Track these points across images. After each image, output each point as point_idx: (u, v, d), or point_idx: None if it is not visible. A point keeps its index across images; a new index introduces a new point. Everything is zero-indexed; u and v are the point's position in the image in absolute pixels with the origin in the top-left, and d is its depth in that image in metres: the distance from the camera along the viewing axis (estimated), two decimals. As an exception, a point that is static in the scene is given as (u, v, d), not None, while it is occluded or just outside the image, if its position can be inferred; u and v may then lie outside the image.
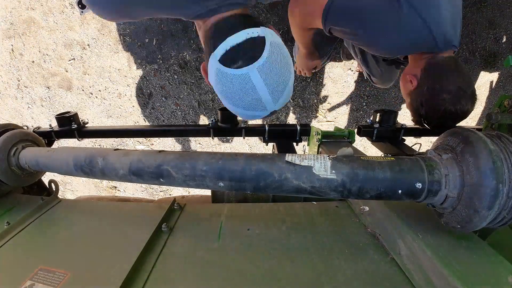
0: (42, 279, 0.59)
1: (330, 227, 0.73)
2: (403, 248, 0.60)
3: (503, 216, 0.47)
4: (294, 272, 0.60)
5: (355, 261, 0.62)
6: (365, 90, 2.22)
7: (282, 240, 0.69)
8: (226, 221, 0.77)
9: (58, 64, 2.19)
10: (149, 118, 2.37)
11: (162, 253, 0.66)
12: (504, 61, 1.22)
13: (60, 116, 1.22)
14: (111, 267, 0.61)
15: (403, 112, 2.35)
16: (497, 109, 1.14)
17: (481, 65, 2.14)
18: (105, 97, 2.31)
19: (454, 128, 0.57)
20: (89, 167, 0.72)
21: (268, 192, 0.58)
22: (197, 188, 0.64)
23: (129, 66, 2.16)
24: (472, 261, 0.50)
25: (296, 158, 0.56)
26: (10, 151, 0.85)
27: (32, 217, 0.82)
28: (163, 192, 2.80)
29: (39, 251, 0.69)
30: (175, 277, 0.60)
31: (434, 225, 0.59)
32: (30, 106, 2.41)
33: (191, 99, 2.27)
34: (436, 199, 0.52)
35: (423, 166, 0.52)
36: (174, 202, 0.85)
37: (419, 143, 1.20)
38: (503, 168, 0.45)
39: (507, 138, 0.50)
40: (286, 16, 1.20)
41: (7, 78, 2.29)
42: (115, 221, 0.81)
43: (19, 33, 2.11)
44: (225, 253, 0.66)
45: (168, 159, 0.64)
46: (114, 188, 2.83)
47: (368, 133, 1.21)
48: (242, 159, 0.59)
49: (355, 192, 0.53)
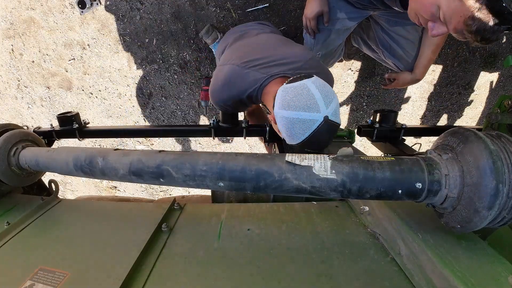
0: (42, 279, 0.59)
1: (330, 227, 0.73)
2: (403, 248, 0.60)
3: (503, 216, 0.47)
4: (294, 272, 0.60)
5: (355, 261, 0.62)
6: (365, 90, 2.22)
7: (282, 240, 0.69)
8: (226, 221, 0.77)
9: (58, 64, 2.19)
10: (149, 118, 2.37)
11: (162, 253, 0.66)
12: (504, 61, 1.23)
13: (62, 116, 1.22)
14: (111, 267, 0.61)
15: (403, 112, 2.35)
16: (497, 109, 1.14)
17: (481, 65, 2.14)
18: (105, 97, 2.31)
19: (454, 128, 0.57)
20: (89, 167, 0.72)
21: (268, 192, 0.58)
22: (197, 188, 0.64)
23: (129, 66, 2.16)
24: (472, 261, 0.50)
25: (296, 158, 0.56)
26: (10, 151, 0.85)
27: (32, 217, 0.82)
28: (163, 192, 2.80)
29: (39, 251, 0.69)
30: (175, 277, 0.60)
31: (434, 225, 0.59)
32: (30, 106, 2.41)
33: (191, 99, 2.27)
34: (436, 199, 0.52)
35: (423, 166, 0.52)
36: (174, 202, 0.85)
37: (419, 143, 1.21)
38: (503, 168, 0.45)
39: (507, 138, 0.50)
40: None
41: (7, 78, 2.29)
42: (115, 221, 0.81)
43: (19, 33, 2.11)
44: (225, 253, 0.66)
45: (168, 159, 0.64)
46: (114, 188, 2.83)
47: (368, 133, 1.21)
48: (242, 159, 0.59)
49: (355, 192, 0.53)
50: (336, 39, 1.40)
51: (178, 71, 2.16)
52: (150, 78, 2.21)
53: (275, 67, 0.97)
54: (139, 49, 2.10)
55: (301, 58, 1.01)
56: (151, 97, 2.28)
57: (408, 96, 2.26)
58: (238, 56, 1.05)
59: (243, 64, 1.00)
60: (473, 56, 2.10)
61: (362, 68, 2.13)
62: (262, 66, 0.98)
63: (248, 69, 0.99)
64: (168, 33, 2.03)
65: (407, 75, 1.39)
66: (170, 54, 2.10)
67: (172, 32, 2.02)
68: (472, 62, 2.13)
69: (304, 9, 1.32)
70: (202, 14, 1.95)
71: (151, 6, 1.95)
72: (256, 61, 1.00)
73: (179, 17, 1.97)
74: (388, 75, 1.48)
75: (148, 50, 2.10)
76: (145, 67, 2.16)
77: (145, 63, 2.15)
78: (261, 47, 1.10)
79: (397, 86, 1.48)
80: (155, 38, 2.05)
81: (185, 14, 1.96)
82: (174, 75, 2.18)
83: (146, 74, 2.19)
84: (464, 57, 2.10)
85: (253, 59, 1.00)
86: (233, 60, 1.05)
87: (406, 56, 1.35)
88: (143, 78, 2.21)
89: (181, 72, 2.16)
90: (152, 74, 2.19)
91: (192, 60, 2.11)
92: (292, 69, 0.98)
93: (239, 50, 1.13)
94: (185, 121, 2.35)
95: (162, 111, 2.33)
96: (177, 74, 2.17)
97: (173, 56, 2.11)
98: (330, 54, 1.50)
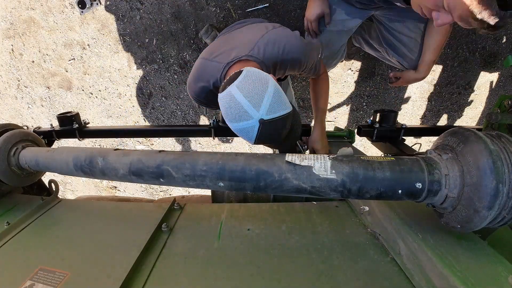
0: (42, 279, 0.59)
1: (330, 227, 0.73)
2: (403, 248, 0.60)
3: (503, 216, 0.47)
4: (294, 272, 0.60)
5: (355, 261, 0.62)
6: (365, 90, 2.22)
7: (282, 240, 0.69)
8: (226, 221, 0.77)
9: (58, 64, 2.19)
10: (149, 118, 2.37)
11: (162, 253, 0.66)
12: (504, 61, 1.22)
13: (62, 116, 1.22)
14: (111, 267, 0.61)
15: (403, 112, 2.35)
16: (497, 109, 1.14)
17: (481, 65, 2.14)
18: (105, 97, 2.31)
19: (454, 128, 0.57)
20: (89, 167, 0.72)
21: (268, 192, 0.58)
22: (197, 188, 0.64)
23: (129, 66, 2.16)
24: (472, 261, 0.50)
25: (296, 158, 0.56)
26: (10, 151, 0.85)
27: (32, 217, 0.82)
28: (163, 192, 2.80)
29: (39, 251, 0.69)
30: (175, 277, 0.60)
31: (434, 225, 0.59)
32: (30, 106, 2.41)
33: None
34: (436, 199, 0.52)
35: (423, 166, 0.52)
36: (174, 202, 0.85)
37: (419, 143, 1.21)
38: (503, 168, 0.45)
39: (507, 138, 0.50)
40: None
41: (7, 78, 2.29)
42: (115, 221, 0.81)
43: (19, 33, 2.11)
44: (225, 253, 0.66)
45: (168, 159, 0.64)
46: (114, 188, 2.83)
47: (368, 133, 1.21)
48: (242, 159, 0.59)
49: (355, 192, 0.53)
50: (338, 40, 1.39)
51: (178, 71, 2.16)
52: (150, 78, 2.21)
53: (231, 54, 0.98)
54: (139, 49, 2.10)
55: (253, 37, 1.00)
56: (151, 97, 2.28)
57: (408, 96, 2.26)
58: (209, 50, 1.08)
59: (208, 56, 1.03)
60: (473, 56, 2.10)
61: (362, 68, 2.13)
62: (222, 55, 1.00)
63: (210, 60, 1.02)
64: (168, 33, 2.03)
65: (411, 73, 1.38)
66: (170, 54, 2.10)
67: (172, 32, 2.02)
68: (472, 62, 2.13)
69: (305, 10, 1.32)
70: (202, 14, 1.95)
71: (151, 6, 1.95)
72: (219, 53, 1.02)
73: (179, 17, 1.97)
74: (393, 74, 1.48)
75: (148, 50, 2.10)
76: (145, 67, 2.16)
77: (145, 63, 2.15)
78: (229, 39, 1.11)
79: (403, 84, 1.48)
80: (155, 38, 2.05)
81: (185, 14, 1.96)
82: (174, 75, 2.18)
83: (146, 74, 2.19)
84: (464, 57, 2.10)
85: (218, 51, 1.03)
86: (203, 54, 1.08)
87: (410, 54, 1.34)
88: (143, 78, 2.21)
89: (181, 72, 2.16)
90: (152, 74, 2.19)
91: (192, 60, 2.11)
92: (246, 50, 0.97)
93: (213, 45, 1.15)
94: (185, 121, 2.35)
95: (162, 111, 2.33)
96: (177, 74, 2.17)
97: (173, 56, 2.11)
98: (332, 56, 1.49)
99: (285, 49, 1.01)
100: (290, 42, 1.02)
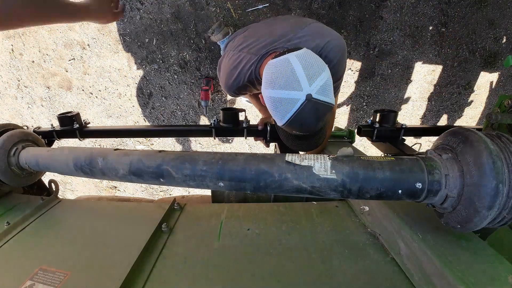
0: (42, 279, 0.59)
1: (330, 227, 0.73)
2: (403, 248, 0.60)
3: (503, 216, 0.47)
4: (294, 272, 0.60)
5: (355, 261, 0.62)
6: (365, 90, 2.22)
7: (282, 240, 0.69)
8: (226, 221, 0.77)
9: (58, 64, 2.19)
10: (149, 118, 2.37)
11: (162, 253, 0.66)
12: (504, 61, 1.22)
13: (62, 116, 1.22)
14: (111, 267, 0.61)
15: (403, 112, 2.35)
16: (497, 109, 1.14)
17: (481, 65, 2.14)
18: (105, 97, 2.31)
19: (454, 128, 0.57)
20: (89, 167, 0.72)
21: (268, 192, 0.58)
22: (197, 188, 0.64)
23: (129, 66, 2.17)
24: (472, 261, 0.50)
25: (296, 158, 0.56)
26: (10, 151, 0.85)
27: (32, 217, 0.82)
28: (163, 192, 2.80)
29: (39, 251, 0.69)
30: (175, 277, 0.60)
31: (434, 225, 0.59)
32: (30, 106, 2.41)
33: (191, 99, 2.27)
34: (436, 199, 0.52)
35: (423, 166, 0.52)
36: (174, 202, 0.85)
37: (419, 143, 1.21)
38: (503, 168, 0.45)
39: (507, 138, 0.50)
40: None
41: (7, 78, 2.29)
42: (115, 221, 0.81)
43: (19, 33, 2.11)
44: (225, 253, 0.66)
45: (168, 159, 0.64)
46: (114, 188, 2.83)
47: (368, 133, 1.21)
48: (242, 159, 0.59)
49: (355, 192, 0.53)
50: None
51: (178, 71, 2.16)
52: (150, 78, 2.21)
53: (264, 46, 0.94)
54: (139, 49, 2.10)
55: (289, 30, 0.95)
56: (151, 97, 2.28)
57: (408, 96, 2.26)
58: (234, 45, 1.06)
59: (236, 49, 1.00)
60: (473, 56, 2.10)
61: (362, 68, 2.13)
62: (253, 47, 0.97)
63: (240, 52, 0.98)
64: (168, 33, 2.03)
65: None
66: (170, 54, 2.10)
67: (172, 32, 2.02)
68: (472, 62, 2.13)
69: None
70: (202, 14, 1.95)
71: (151, 6, 1.95)
72: (248, 44, 0.99)
73: (179, 17, 1.97)
74: None
75: (148, 50, 2.10)
76: (145, 67, 2.16)
77: (145, 63, 2.15)
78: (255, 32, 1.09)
79: None
80: (155, 38, 2.05)
81: (185, 14, 1.96)
82: (174, 75, 2.18)
83: (146, 74, 2.19)
84: (464, 57, 2.10)
85: (246, 43, 1.00)
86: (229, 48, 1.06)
87: None
88: (143, 78, 2.21)
89: (181, 72, 2.16)
90: (152, 74, 2.19)
91: (192, 60, 2.12)
92: (283, 42, 0.92)
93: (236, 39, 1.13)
94: (185, 121, 2.35)
95: (162, 111, 2.33)
96: (177, 74, 2.17)
97: (173, 56, 2.11)
98: None
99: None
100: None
